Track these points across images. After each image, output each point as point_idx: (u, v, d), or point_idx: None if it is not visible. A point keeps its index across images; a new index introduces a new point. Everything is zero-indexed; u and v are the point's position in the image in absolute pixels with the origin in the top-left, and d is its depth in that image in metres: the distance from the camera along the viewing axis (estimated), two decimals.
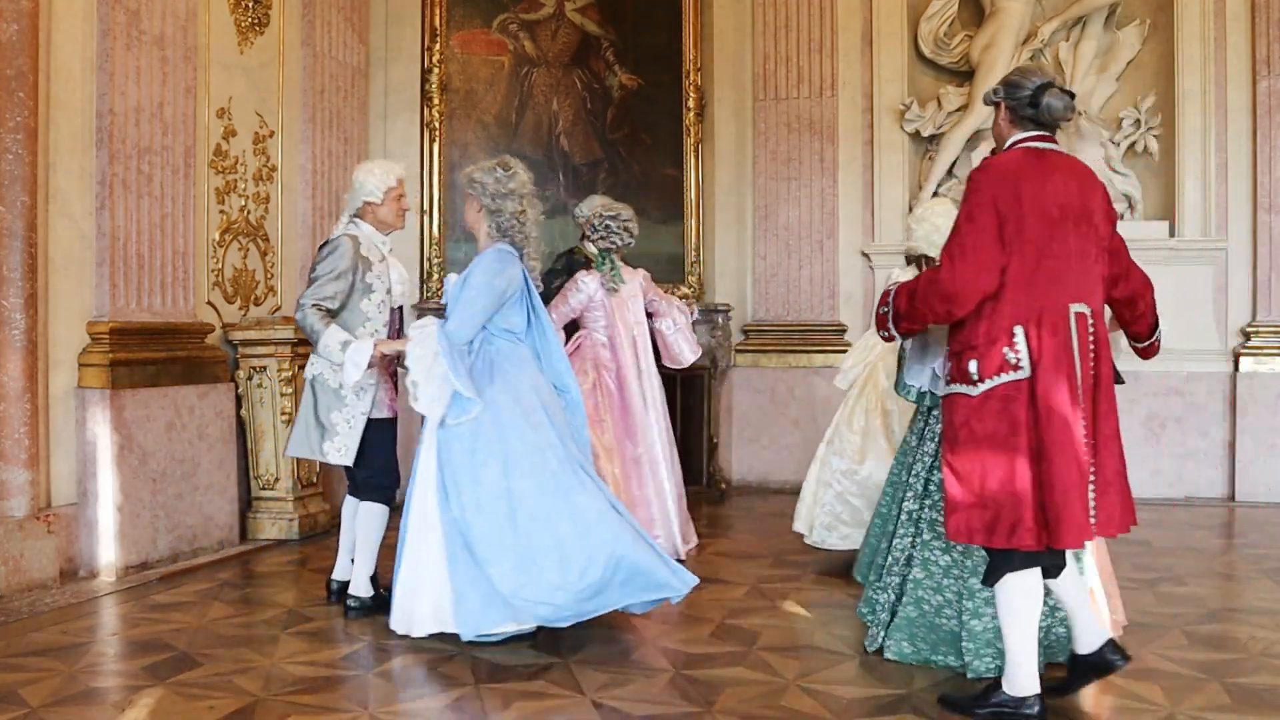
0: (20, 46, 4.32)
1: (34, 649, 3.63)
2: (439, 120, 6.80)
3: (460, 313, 3.70)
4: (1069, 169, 3.04)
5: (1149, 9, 7.22)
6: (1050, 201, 2.95)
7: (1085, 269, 2.96)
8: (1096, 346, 2.95)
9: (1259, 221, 6.87)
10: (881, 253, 7.32)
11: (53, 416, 4.56)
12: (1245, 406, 6.77)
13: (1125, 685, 3.30)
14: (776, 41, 7.37)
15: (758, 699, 3.20)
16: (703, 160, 7.47)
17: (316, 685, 3.26)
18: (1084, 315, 2.93)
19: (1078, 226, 2.96)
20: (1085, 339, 2.93)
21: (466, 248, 6.88)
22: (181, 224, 5.02)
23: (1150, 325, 3.26)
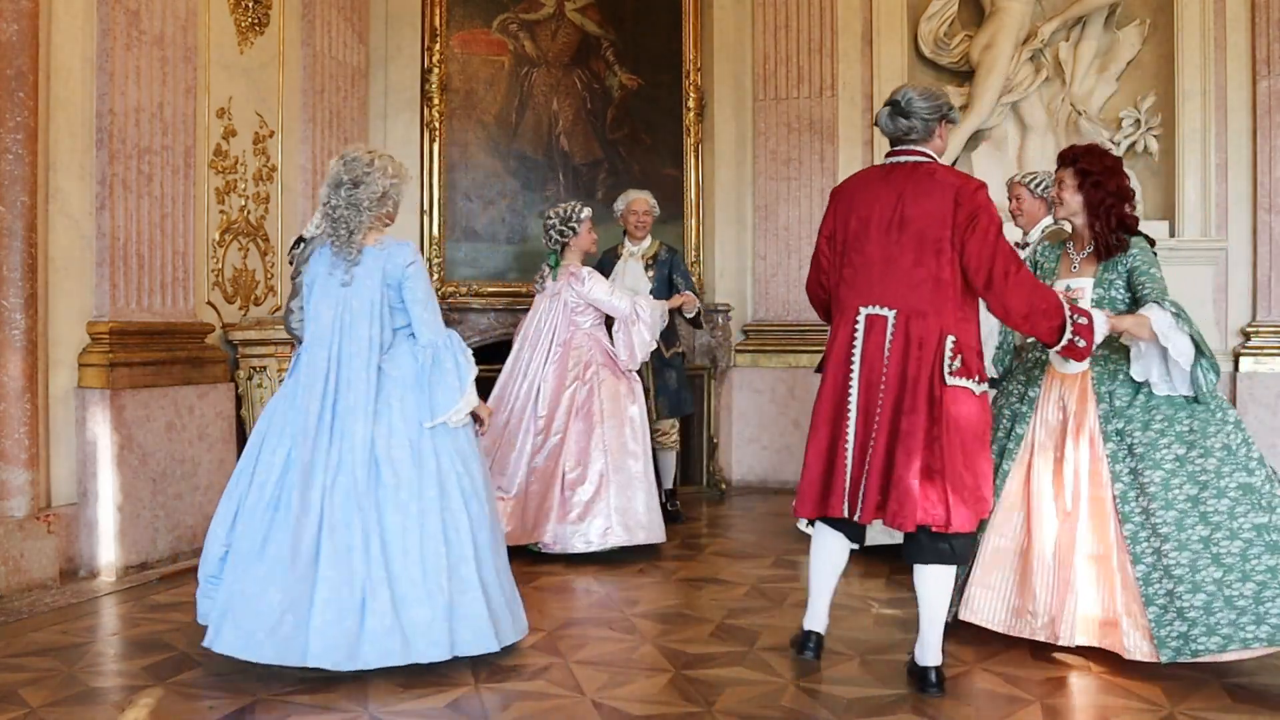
0: (20, 46, 4.32)
1: (34, 649, 3.63)
2: (439, 120, 6.79)
3: None
4: (903, 181, 3.25)
5: (1149, 9, 7.21)
6: (858, 213, 3.27)
7: (895, 275, 3.16)
8: (908, 347, 3.11)
9: (1259, 221, 6.87)
10: None
11: (53, 416, 4.56)
12: (1245, 406, 6.77)
13: (1125, 685, 3.30)
14: (776, 41, 7.37)
15: (758, 699, 3.20)
16: (703, 160, 7.46)
17: (316, 685, 3.26)
18: (879, 318, 3.17)
19: (887, 234, 3.19)
20: (878, 339, 3.16)
21: (466, 247, 6.89)
22: (181, 224, 5.02)
23: (1045, 335, 3.24)
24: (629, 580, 4.74)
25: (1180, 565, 3.29)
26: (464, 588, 3.38)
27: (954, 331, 3.15)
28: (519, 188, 7.01)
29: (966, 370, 3.14)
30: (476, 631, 3.37)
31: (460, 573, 3.38)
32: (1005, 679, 3.39)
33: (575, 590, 4.60)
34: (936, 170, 3.25)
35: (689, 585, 4.68)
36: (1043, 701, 3.18)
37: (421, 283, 3.50)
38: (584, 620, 4.08)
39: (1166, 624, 3.31)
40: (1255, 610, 3.23)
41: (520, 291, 6.91)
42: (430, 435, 3.45)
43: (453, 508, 3.42)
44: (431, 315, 3.52)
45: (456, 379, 3.48)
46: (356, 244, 3.44)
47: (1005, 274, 3.12)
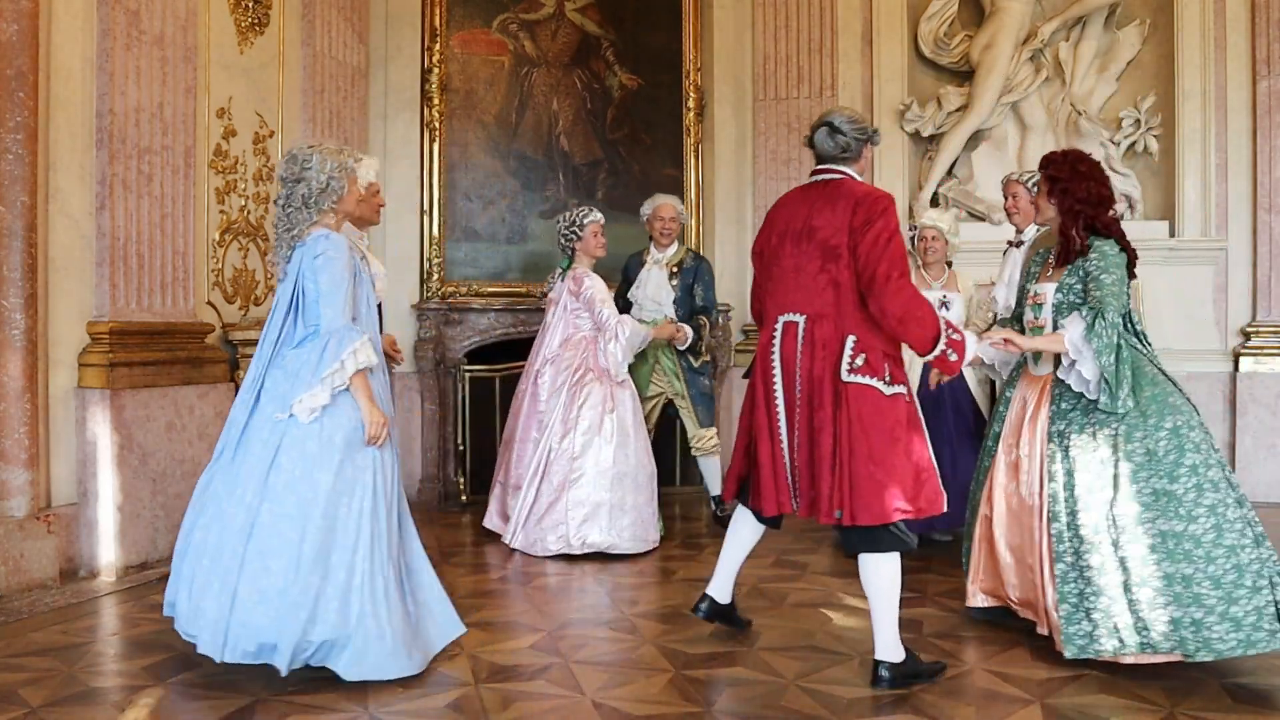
0: (20, 46, 4.32)
1: (34, 649, 3.63)
2: (439, 120, 6.79)
3: None
4: (817, 195, 3.46)
5: (1149, 9, 7.21)
6: (777, 229, 3.51)
7: (803, 282, 3.39)
8: (814, 348, 3.33)
9: (1259, 221, 6.87)
10: None
11: (53, 416, 4.57)
12: (1245, 406, 6.77)
13: (1125, 685, 3.30)
14: (776, 41, 7.37)
15: (758, 699, 3.20)
16: (703, 160, 7.47)
17: (316, 685, 3.26)
18: (793, 323, 3.40)
19: (797, 245, 3.42)
20: (791, 343, 3.39)
21: (466, 247, 6.89)
22: (181, 224, 5.02)
23: (916, 342, 3.33)
24: (629, 580, 4.74)
25: (1091, 568, 3.39)
26: (254, 594, 3.20)
27: (855, 332, 3.30)
28: (519, 188, 7.01)
29: (870, 369, 3.27)
30: (251, 642, 3.20)
31: (257, 581, 3.20)
32: (1005, 679, 3.39)
33: (575, 590, 4.60)
34: (845, 183, 3.45)
35: (689, 585, 4.68)
36: (1043, 701, 3.18)
37: (325, 274, 3.29)
38: (584, 620, 4.08)
39: (1075, 622, 3.41)
40: (1147, 616, 3.30)
41: (520, 291, 6.92)
42: (282, 432, 3.27)
43: (273, 510, 3.22)
44: (328, 308, 3.29)
45: (312, 371, 3.27)
46: (288, 240, 3.39)
47: (887, 278, 3.24)
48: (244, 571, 3.21)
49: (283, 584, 3.19)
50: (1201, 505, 3.32)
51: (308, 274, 3.32)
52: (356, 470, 3.30)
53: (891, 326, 3.28)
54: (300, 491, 3.23)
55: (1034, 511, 3.63)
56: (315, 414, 3.26)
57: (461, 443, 6.68)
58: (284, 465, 3.25)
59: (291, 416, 3.26)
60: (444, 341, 6.72)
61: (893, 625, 3.31)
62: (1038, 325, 3.71)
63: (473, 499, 6.61)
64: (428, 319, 6.71)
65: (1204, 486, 3.34)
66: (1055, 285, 3.68)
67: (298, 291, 3.36)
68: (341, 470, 3.27)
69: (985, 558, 3.89)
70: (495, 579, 4.73)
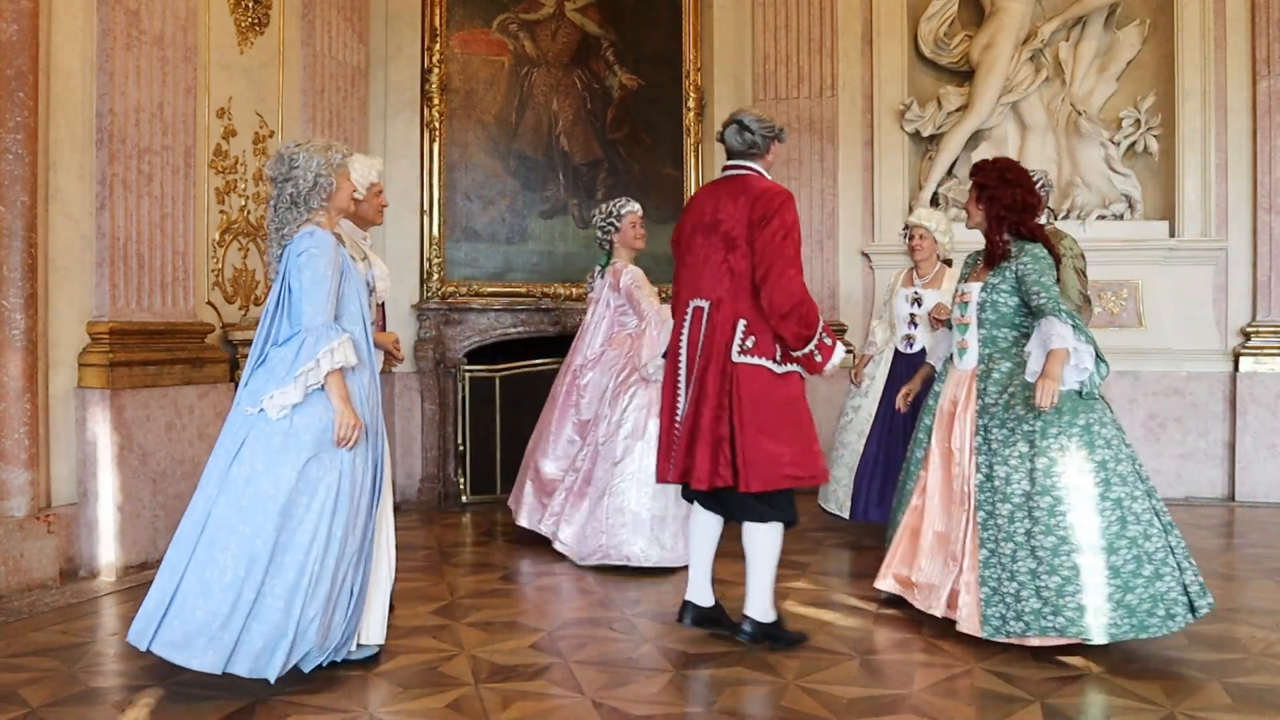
0: (20, 46, 4.32)
1: (34, 649, 3.63)
2: (439, 120, 6.79)
3: None
4: (724, 190, 3.71)
5: (1149, 9, 7.21)
6: (690, 222, 3.77)
7: (709, 271, 3.65)
8: (713, 331, 3.58)
9: (1259, 221, 6.87)
10: (881, 253, 7.31)
11: (53, 416, 4.56)
12: (1245, 406, 6.77)
13: (1125, 685, 3.31)
14: (776, 41, 7.37)
15: (758, 699, 3.20)
16: (703, 160, 7.47)
17: (316, 685, 3.26)
18: (700, 308, 3.66)
19: (706, 237, 3.67)
20: (697, 327, 3.66)
21: (466, 247, 6.89)
22: (181, 224, 5.02)
23: (790, 337, 3.54)
24: (629, 580, 4.74)
25: (1005, 554, 3.65)
26: (197, 585, 3.15)
27: (746, 316, 3.57)
28: (519, 188, 7.01)
29: (760, 350, 3.55)
30: (180, 633, 3.15)
31: (203, 573, 3.15)
32: (1005, 679, 3.39)
33: (575, 590, 4.59)
34: (751, 179, 3.71)
35: None
36: (1043, 701, 3.18)
37: (307, 271, 3.24)
38: (584, 620, 4.08)
39: (993, 604, 3.66)
40: (1055, 602, 3.54)
41: (520, 291, 6.92)
42: (250, 423, 3.23)
43: (229, 502, 3.18)
44: (309, 305, 3.23)
45: (286, 368, 3.21)
46: (278, 240, 3.36)
47: (780, 274, 3.52)
48: (192, 562, 3.16)
49: (230, 579, 3.13)
50: (1108, 499, 3.58)
51: (292, 272, 3.28)
52: (322, 470, 3.24)
53: (776, 321, 3.53)
54: (260, 486, 3.18)
55: (963, 501, 3.85)
56: (285, 411, 3.21)
57: (461, 443, 6.68)
58: (246, 458, 3.20)
59: (261, 411, 3.22)
60: (444, 341, 6.72)
61: (767, 590, 3.69)
62: (963, 322, 3.98)
63: (473, 499, 6.61)
64: (428, 319, 6.71)
65: (1112, 481, 3.59)
66: (980, 285, 3.93)
67: (284, 290, 3.33)
68: (306, 469, 3.21)
69: (906, 543, 4.09)
70: (495, 579, 4.73)
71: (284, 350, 3.27)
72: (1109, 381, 6.67)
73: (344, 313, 3.35)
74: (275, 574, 3.18)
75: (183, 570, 3.17)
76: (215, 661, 3.12)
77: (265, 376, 3.27)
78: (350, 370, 3.30)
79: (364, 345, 3.39)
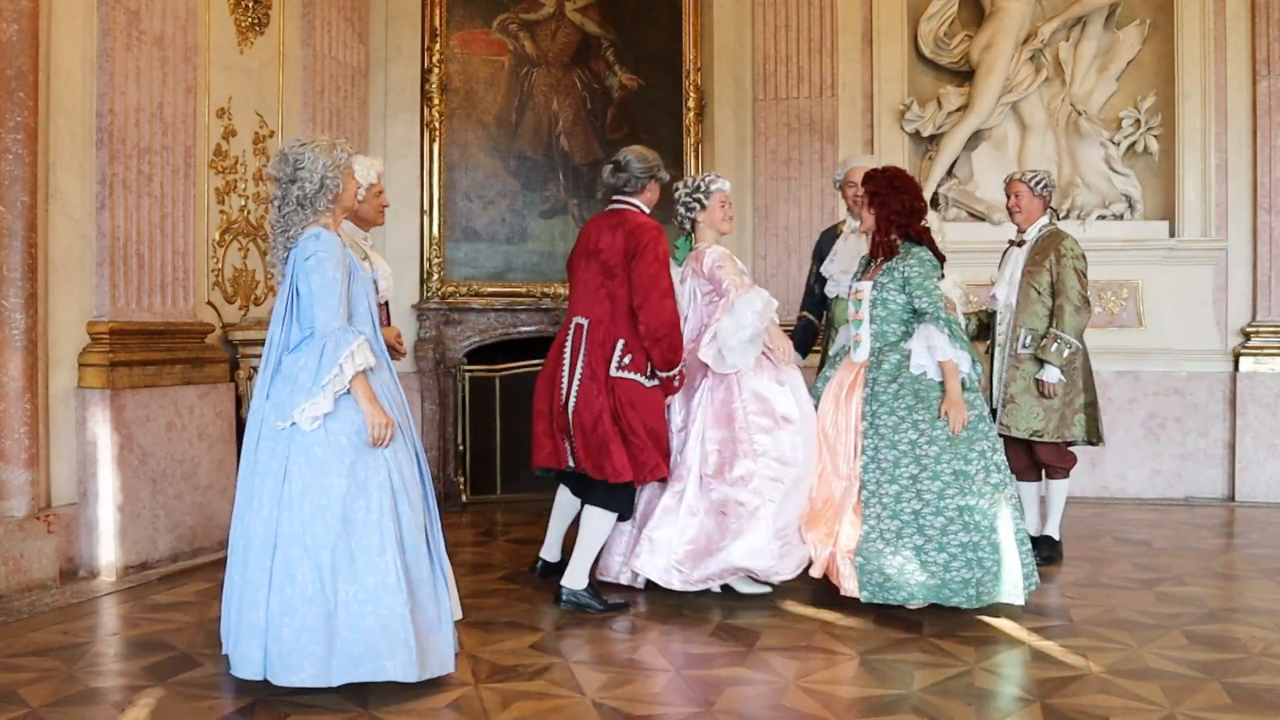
0: (20, 46, 4.32)
1: (34, 649, 3.63)
2: (439, 120, 6.79)
3: None
4: (605, 222, 4.28)
5: (1149, 9, 7.21)
6: (578, 248, 4.34)
7: (588, 292, 4.22)
8: (593, 347, 4.14)
9: (1259, 221, 6.87)
10: None
11: (53, 416, 4.56)
12: (1245, 406, 6.77)
13: (1125, 685, 3.30)
14: (776, 41, 7.37)
15: (758, 699, 3.20)
16: (703, 160, 7.47)
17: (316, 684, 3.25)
18: (580, 325, 4.21)
19: (589, 262, 4.24)
20: (578, 340, 4.19)
21: (466, 247, 6.89)
22: (181, 224, 5.02)
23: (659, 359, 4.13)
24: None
25: (890, 531, 4.07)
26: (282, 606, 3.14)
27: (624, 336, 4.15)
28: (519, 188, 7.01)
29: (635, 367, 4.15)
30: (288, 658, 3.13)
31: (284, 592, 3.14)
32: (1005, 679, 3.39)
33: None
34: (628, 215, 4.24)
35: None
36: (1043, 701, 3.18)
37: (316, 276, 3.19)
38: (584, 620, 4.08)
39: (869, 572, 4.05)
40: (941, 576, 4.01)
41: (520, 291, 6.92)
42: (287, 439, 3.19)
43: (290, 519, 3.16)
44: (321, 310, 3.19)
45: (311, 378, 3.17)
46: (284, 242, 3.29)
47: (657, 302, 4.09)
48: (273, 585, 3.15)
49: (310, 593, 3.12)
50: (989, 484, 4.06)
51: (300, 276, 3.23)
52: (369, 470, 3.21)
53: (648, 341, 4.11)
54: (314, 498, 3.15)
55: (847, 478, 4.23)
56: (318, 422, 3.18)
57: (461, 443, 6.67)
58: (294, 474, 3.17)
59: (294, 425, 3.19)
60: (444, 341, 6.72)
61: (587, 562, 4.19)
62: (858, 318, 4.37)
63: (473, 499, 6.61)
64: (428, 319, 6.71)
65: (990, 469, 4.09)
66: (871, 283, 4.33)
67: (291, 294, 3.29)
68: (353, 472, 3.18)
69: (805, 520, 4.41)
70: (495, 579, 4.73)
71: (300, 357, 3.24)
72: (1109, 381, 6.67)
73: (354, 313, 3.32)
74: (354, 580, 3.14)
75: (266, 596, 3.15)
76: (317, 674, 3.12)
77: (287, 387, 3.23)
78: (370, 370, 3.27)
79: (377, 344, 3.38)
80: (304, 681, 3.10)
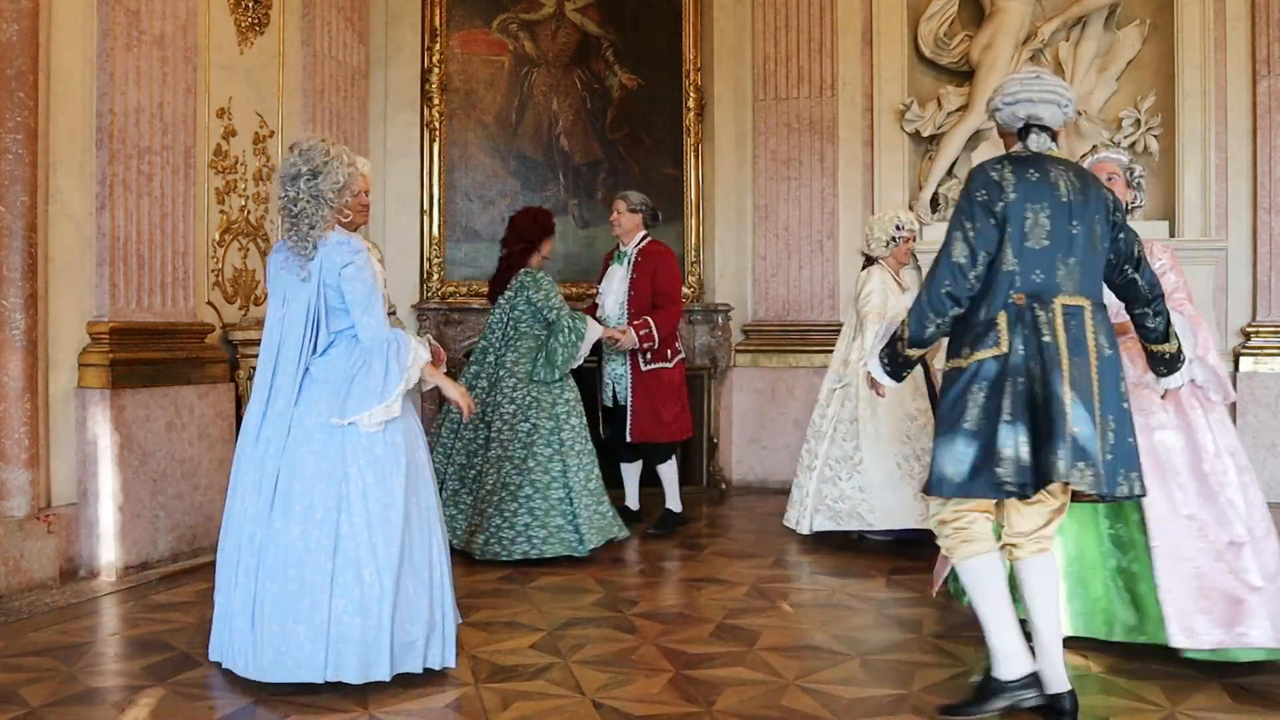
0: (20, 46, 4.32)
1: (34, 649, 3.63)
2: (439, 120, 6.79)
3: None
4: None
5: (1149, 9, 7.21)
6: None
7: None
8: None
9: (1259, 221, 6.87)
10: None
11: (53, 416, 4.56)
12: (1245, 406, 6.77)
13: (1125, 685, 3.30)
14: (776, 41, 7.37)
15: (758, 699, 3.20)
16: (703, 160, 7.46)
17: (316, 685, 3.25)
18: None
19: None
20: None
21: (466, 247, 6.89)
22: (181, 224, 5.02)
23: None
24: (629, 580, 4.75)
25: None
26: (351, 606, 3.18)
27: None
28: (519, 188, 7.01)
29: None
30: (351, 656, 3.18)
31: (350, 592, 3.18)
32: None
33: (575, 590, 4.59)
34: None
35: (689, 585, 4.68)
36: None
37: (360, 284, 3.24)
38: (584, 620, 4.08)
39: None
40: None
41: None
42: (342, 443, 3.23)
43: (353, 521, 3.21)
44: (371, 318, 3.26)
45: (381, 383, 3.23)
46: (314, 239, 3.25)
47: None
48: (335, 586, 3.18)
49: (379, 591, 3.19)
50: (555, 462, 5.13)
51: (340, 283, 3.24)
52: (417, 469, 3.37)
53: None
54: (378, 497, 3.23)
55: None
56: (381, 426, 3.27)
57: None
58: (354, 475, 3.23)
59: (352, 424, 3.23)
60: (444, 341, 6.71)
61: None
62: None
63: None
64: (428, 319, 6.71)
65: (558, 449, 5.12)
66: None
67: (320, 299, 3.27)
68: (409, 471, 3.31)
69: None
70: (495, 579, 4.73)
71: (334, 360, 3.28)
72: None
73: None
74: (414, 575, 3.30)
75: (328, 598, 3.18)
76: (386, 670, 3.20)
77: (325, 390, 3.25)
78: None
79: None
80: (378, 677, 3.19)
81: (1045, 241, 2.95)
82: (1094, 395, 2.87)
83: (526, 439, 5.08)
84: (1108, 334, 3.00)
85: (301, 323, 3.29)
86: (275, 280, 3.38)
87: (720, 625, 3.98)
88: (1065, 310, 2.93)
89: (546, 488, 5.03)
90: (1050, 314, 2.91)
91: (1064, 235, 2.96)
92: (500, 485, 5.04)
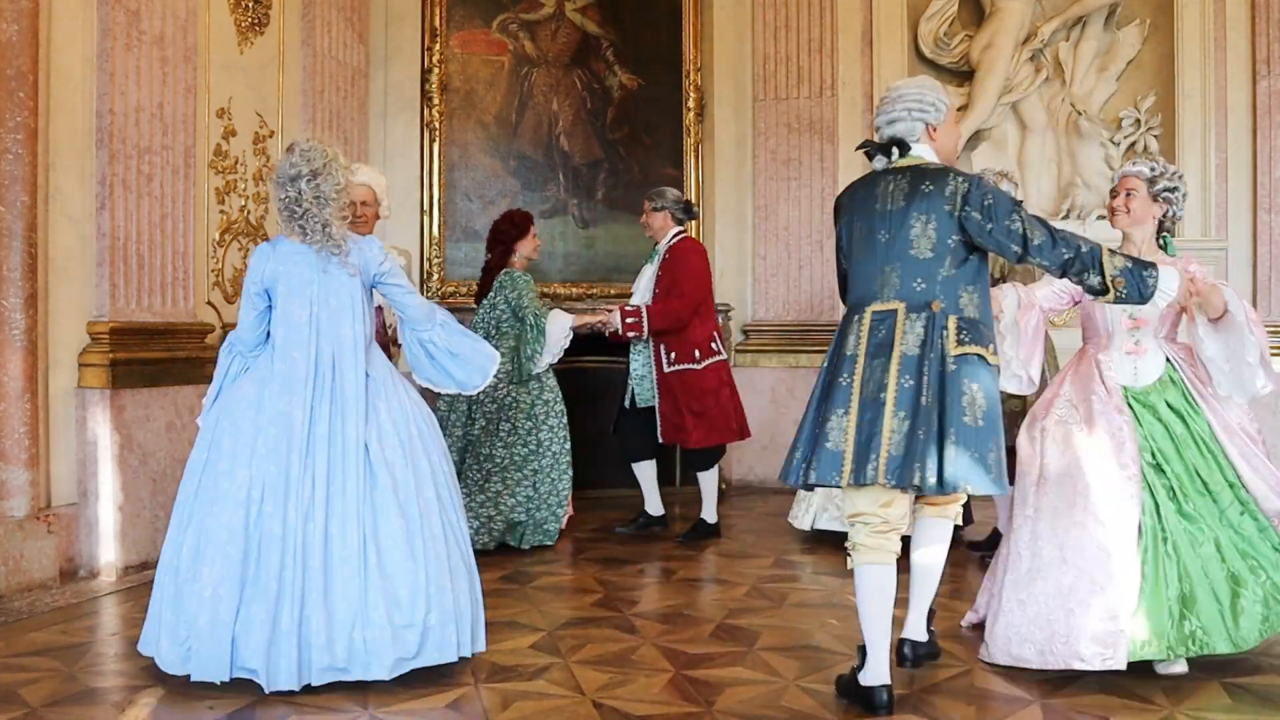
0: (20, 46, 4.32)
1: (34, 649, 3.63)
2: (439, 120, 6.79)
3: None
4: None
5: (1149, 9, 7.22)
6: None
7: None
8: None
9: (1259, 221, 6.87)
10: None
11: (53, 416, 4.56)
12: None
13: (1125, 685, 3.30)
14: (776, 41, 7.37)
15: (758, 699, 3.20)
16: (703, 160, 7.47)
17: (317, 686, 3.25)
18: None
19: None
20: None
21: (466, 247, 6.89)
22: (181, 224, 5.02)
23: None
24: (629, 580, 4.75)
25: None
26: (465, 589, 3.36)
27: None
28: (519, 188, 7.01)
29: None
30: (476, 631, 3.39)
31: (461, 574, 3.36)
32: (1005, 679, 3.38)
33: (575, 590, 4.60)
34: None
35: (689, 585, 4.68)
36: (1042, 701, 3.18)
37: (400, 276, 3.48)
38: (584, 620, 4.08)
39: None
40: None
41: None
42: (419, 435, 3.37)
43: (446, 508, 3.39)
44: (420, 300, 3.53)
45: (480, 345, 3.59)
46: (338, 237, 3.28)
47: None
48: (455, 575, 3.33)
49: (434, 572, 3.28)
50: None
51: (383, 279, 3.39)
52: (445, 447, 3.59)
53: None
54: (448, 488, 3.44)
55: None
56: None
57: None
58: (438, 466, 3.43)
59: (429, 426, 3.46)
60: None
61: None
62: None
63: None
64: None
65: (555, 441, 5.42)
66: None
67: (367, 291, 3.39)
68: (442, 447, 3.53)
69: None
70: (495, 579, 4.73)
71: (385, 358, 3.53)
72: None
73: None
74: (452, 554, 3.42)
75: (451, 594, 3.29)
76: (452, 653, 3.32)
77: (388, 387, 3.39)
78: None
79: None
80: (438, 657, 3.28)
81: (863, 254, 3.15)
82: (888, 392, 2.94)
83: (507, 439, 5.27)
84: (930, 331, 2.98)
85: (350, 320, 3.32)
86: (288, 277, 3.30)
87: (720, 625, 3.98)
88: (874, 316, 3.06)
89: (516, 484, 5.23)
90: (860, 321, 3.08)
91: (874, 245, 3.12)
92: (477, 485, 5.25)
